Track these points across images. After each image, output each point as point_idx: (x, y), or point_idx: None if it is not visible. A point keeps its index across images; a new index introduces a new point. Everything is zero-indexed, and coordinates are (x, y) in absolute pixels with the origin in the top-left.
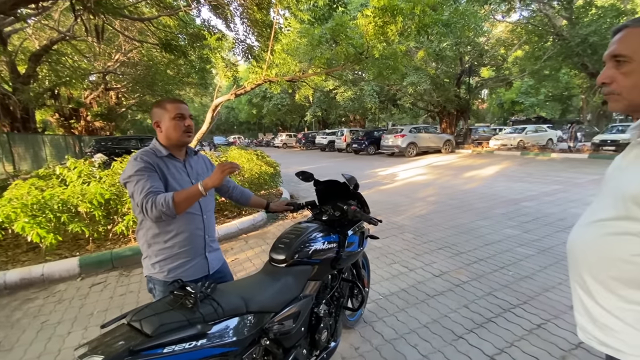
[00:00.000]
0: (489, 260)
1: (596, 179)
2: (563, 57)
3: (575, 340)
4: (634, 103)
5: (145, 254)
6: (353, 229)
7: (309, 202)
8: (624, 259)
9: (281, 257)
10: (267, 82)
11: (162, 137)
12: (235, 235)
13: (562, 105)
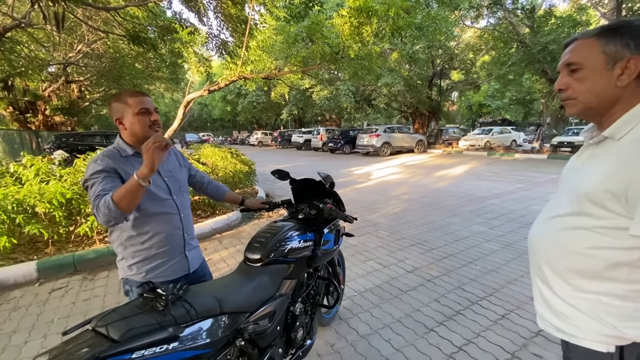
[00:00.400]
0: (458, 255)
1: (554, 178)
2: (526, 63)
3: (535, 329)
4: (588, 106)
5: (120, 256)
6: (329, 227)
7: (284, 201)
8: (578, 251)
9: (256, 256)
10: (242, 78)
11: (127, 134)
12: (208, 235)
13: (525, 109)
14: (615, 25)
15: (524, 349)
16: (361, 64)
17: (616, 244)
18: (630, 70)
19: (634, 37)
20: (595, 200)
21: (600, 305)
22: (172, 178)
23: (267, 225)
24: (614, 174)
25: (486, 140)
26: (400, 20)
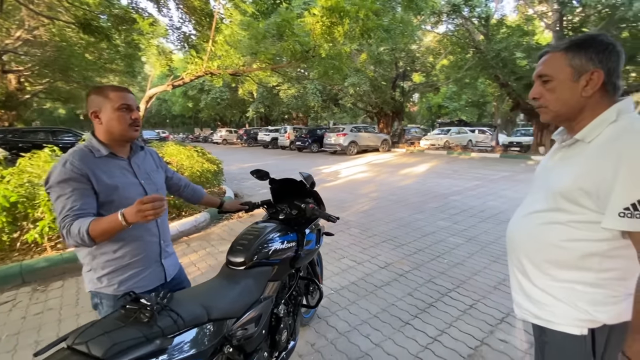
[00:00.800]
0: (427, 250)
1: (506, 175)
2: (480, 68)
3: (499, 316)
4: (558, 114)
5: (88, 267)
6: (310, 227)
7: (264, 201)
8: (554, 244)
9: (240, 259)
10: (208, 74)
11: (102, 130)
12: (175, 239)
13: (479, 111)
14: (580, 40)
15: (491, 336)
16: (332, 64)
17: (588, 236)
18: (594, 82)
19: (597, 52)
20: (569, 197)
21: (575, 292)
22: (149, 181)
23: (248, 227)
24: (586, 173)
25: (445, 140)
26: (370, 22)
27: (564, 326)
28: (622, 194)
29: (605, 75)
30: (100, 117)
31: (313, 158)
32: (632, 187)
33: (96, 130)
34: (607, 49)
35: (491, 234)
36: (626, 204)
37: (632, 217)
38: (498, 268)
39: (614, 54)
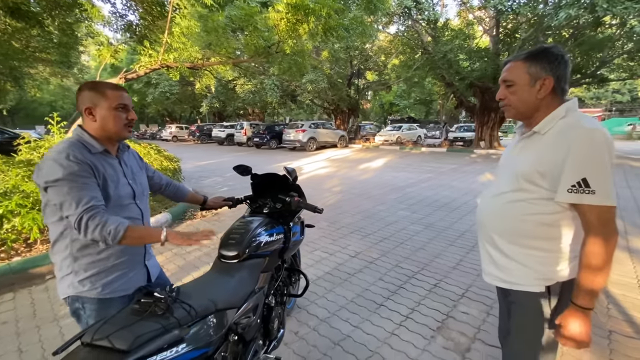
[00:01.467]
0: (391, 238)
1: (454, 167)
2: (428, 68)
3: (460, 292)
4: (519, 112)
5: (67, 270)
6: (294, 220)
7: (247, 196)
8: (517, 218)
9: (233, 252)
10: (164, 67)
11: (95, 127)
12: None
13: (426, 108)
14: (536, 51)
15: (454, 309)
16: (295, 60)
17: (544, 210)
18: (546, 87)
19: (549, 62)
20: (529, 178)
21: (534, 257)
22: (135, 181)
23: (237, 221)
24: (541, 159)
25: (397, 136)
26: (331, 20)
27: (526, 286)
28: (570, 175)
29: (555, 81)
30: (94, 114)
31: (272, 154)
32: (577, 169)
33: (87, 126)
34: (557, 59)
35: (446, 220)
36: (573, 182)
37: (577, 192)
38: (454, 251)
39: (562, 64)
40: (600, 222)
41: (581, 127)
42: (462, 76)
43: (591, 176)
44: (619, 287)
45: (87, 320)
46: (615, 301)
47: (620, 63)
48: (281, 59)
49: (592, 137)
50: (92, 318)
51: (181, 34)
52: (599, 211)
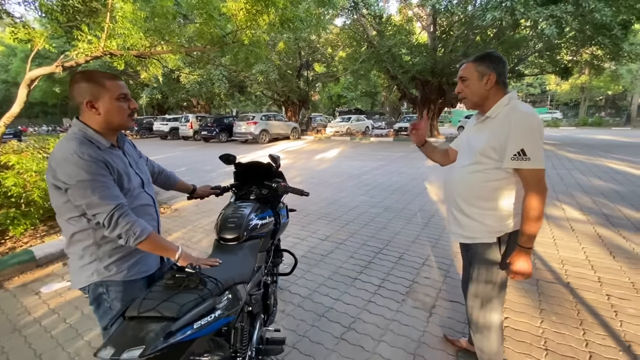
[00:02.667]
0: (355, 221)
1: (402, 155)
2: (374, 62)
3: (420, 261)
4: (474, 101)
5: (91, 258)
6: (280, 203)
7: (233, 184)
8: (476, 185)
9: (234, 235)
10: (107, 54)
11: (99, 121)
12: None
13: (372, 100)
14: (482, 55)
15: (418, 276)
16: (252, 51)
17: (495, 177)
18: (491, 81)
19: (491, 62)
20: (484, 153)
21: (488, 215)
22: (140, 170)
23: (231, 208)
24: (492, 136)
25: (347, 127)
26: (287, 11)
27: (483, 239)
28: (512, 146)
29: (497, 76)
30: (97, 107)
31: (224, 148)
32: (517, 142)
33: (89, 120)
34: (497, 60)
35: (401, 202)
36: (514, 152)
37: (517, 159)
38: (412, 227)
39: (501, 64)
40: (535, 181)
41: (519, 111)
42: (405, 69)
43: (527, 147)
44: (541, 246)
45: (110, 303)
46: (539, 257)
47: (533, 60)
48: (237, 49)
49: (527, 118)
50: (117, 300)
51: (125, 19)
52: (534, 173)
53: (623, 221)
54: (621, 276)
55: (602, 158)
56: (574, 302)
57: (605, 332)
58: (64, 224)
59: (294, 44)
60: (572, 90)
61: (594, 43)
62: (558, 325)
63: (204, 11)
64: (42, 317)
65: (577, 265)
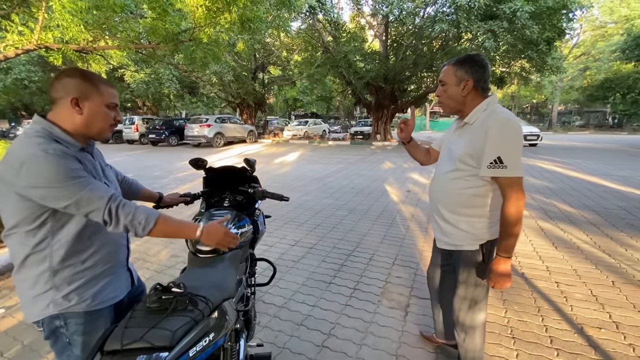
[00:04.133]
0: (323, 224)
1: (360, 158)
2: (330, 67)
3: (391, 261)
4: (451, 107)
5: (45, 287)
6: (257, 210)
7: (204, 191)
8: (456, 192)
9: (212, 247)
10: (42, 48)
11: (76, 121)
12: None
13: (327, 104)
14: (462, 58)
15: (390, 275)
16: (210, 50)
17: (474, 184)
18: (468, 87)
19: (470, 67)
20: (463, 160)
21: (470, 223)
22: (108, 179)
23: (206, 218)
24: (470, 143)
25: (305, 131)
26: (248, 11)
27: (466, 246)
28: (488, 154)
29: (475, 82)
30: (82, 106)
31: (175, 152)
32: (493, 150)
33: (61, 119)
34: (475, 65)
35: (364, 204)
36: (491, 160)
37: (494, 167)
38: (378, 228)
39: (481, 68)
40: (512, 189)
41: (496, 117)
42: (359, 76)
43: (504, 154)
44: None
45: (69, 337)
46: None
47: None
48: (194, 48)
49: (504, 124)
50: (77, 334)
51: (63, 9)
52: (510, 181)
53: (559, 214)
54: (565, 264)
55: (533, 159)
56: (530, 290)
57: (559, 316)
58: (13, 242)
59: (250, 46)
60: (504, 99)
61: (523, 57)
62: (520, 314)
63: (158, 5)
64: None
65: (527, 256)
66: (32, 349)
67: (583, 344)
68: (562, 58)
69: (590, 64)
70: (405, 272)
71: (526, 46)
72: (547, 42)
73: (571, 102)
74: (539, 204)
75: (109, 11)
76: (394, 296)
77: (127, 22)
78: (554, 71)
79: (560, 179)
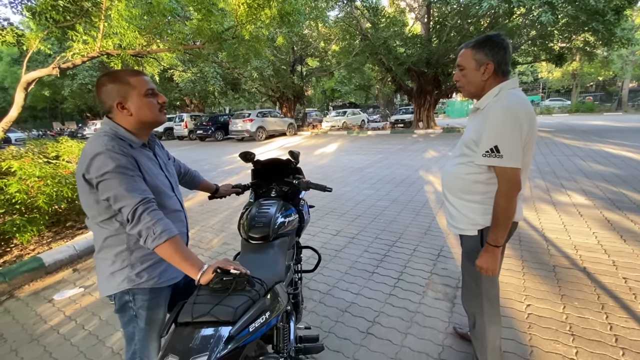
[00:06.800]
0: (364, 215)
1: (401, 147)
2: (368, 54)
3: (436, 253)
4: (470, 91)
5: (123, 264)
6: (302, 200)
7: (253, 182)
8: (460, 177)
9: (264, 234)
10: (104, 55)
11: (131, 121)
12: (67, 263)
13: (365, 93)
14: (481, 40)
15: (435, 267)
16: (252, 46)
17: (475, 170)
18: (488, 71)
19: (490, 49)
20: (468, 145)
21: (471, 208)
22: (169, 172)
23: (256, 207)
24: (476, 129)
25: (343, 121)
26: (287, 5)
27: (467, 231)
28: (485, 142)
29: (495, 66)
30: (127, 107)
31: (221, 146)
32: (490, 138)
33: (122, 120)
34: (497, 46)
35: (407, 194)
36: (487, 148)
37: (490, 156)
38: (421, 219)
39: (502, 50)
40: (506, 179)
41: (500, 104)
42: (400, 61)
43: (501, 143)
44: (552, 233)
45: (136, 311)
46: (552, 243)
47: (525, 48)
48: (237, 45)
49: (504, 113)
50: (143, 309)
51: (120, 17)
52: (504, 171)
53: (628, 204)
54: (635, 259)
55: (599, 143)
56: (593, 286)
57: (627, 314)
58: (95, 228)
59: (288, 39)
60: (564, 77)
61: (587, 29)
62: (581, 310)
63: (203, 7)
64: (59, 325)
65: (590, 250)
66: (108, 323)
67: None
68: (634, 28)
69: None
70: (452, 264)
71: (590, 17)
72: (615, 11)
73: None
74: (605, 192)
75: (159, 16)
76: (439, 287)
77: (176, 25)
78: (624, 44)
79: (631, 165)
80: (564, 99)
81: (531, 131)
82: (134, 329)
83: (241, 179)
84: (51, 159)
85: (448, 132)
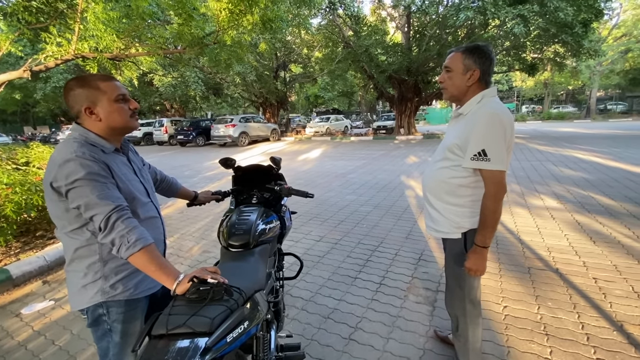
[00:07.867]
0: (347, 220)
1: (383, 153)
2: (351, 62)
3: (417, 257)
4: (453, 94)
5: (96, 276)
6: (284, 207)
7: (233, 189)
8: (443, 181)
9: (244, 241)
10: (79, 57)
11: (101, 126)
12: (35, 275)
13: (348, 100)
14: (471, 47)
15: (416, 271)
16: (235, 52)
17: (459, 174)
18: (474, 77)
19: (479, 57)
20: (451, 149)
21: (454, 211)
22: (144, 178)
23: (236, 214)
24: (460, 134)
25: (327, 127)
26: (269, 11)
27: (451, 234)
28: (473, 146)
29: (481, 73)
30: (96, 112)
31: (202, 152)
32: (477, 143)
33: (91, 126)
34: (484, 56)
35: (389, 200)
36: (474, 152)
37: (478, 160)
38: (403, 224)
39: (487, 60)
40: (493, 182)
41: (485, 110)
42: (381, 69)
43: (488, 147)
44: (527, 235)
45: (110, 325)
46: (527, 246)
47: (501, 58)
48: (219, 50)
49: (490, 118)
50: (117, 322)
51: (97, 20)
52: (492, 174)
53: (597, 207)
54: (604, 260)
55: (569, 149)
56: (565, 287)
57: (597, 314)
58: (65, 238)
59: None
60: (537, 86)
61: (557, 41)
62: (554, 310)
63: (184, 11)
64: (28, 341)
65: (562, 251)
66: (80, 337)
67: (623, 342)
68: (600, 40)
69: (632, 46)
70: (432, 267)
71: (560, 29)
72: (583, 24)
73: (612, 87)
74: (575, 196)
75: (139, 19)
76: (420, 291)
77: (156, 29)
78: (591, 55)
79: (599, 170)
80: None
81: (512, 137)
82: (108, 344)
83: (223, 185)
84: (21, 165)
85: (428, 138)
